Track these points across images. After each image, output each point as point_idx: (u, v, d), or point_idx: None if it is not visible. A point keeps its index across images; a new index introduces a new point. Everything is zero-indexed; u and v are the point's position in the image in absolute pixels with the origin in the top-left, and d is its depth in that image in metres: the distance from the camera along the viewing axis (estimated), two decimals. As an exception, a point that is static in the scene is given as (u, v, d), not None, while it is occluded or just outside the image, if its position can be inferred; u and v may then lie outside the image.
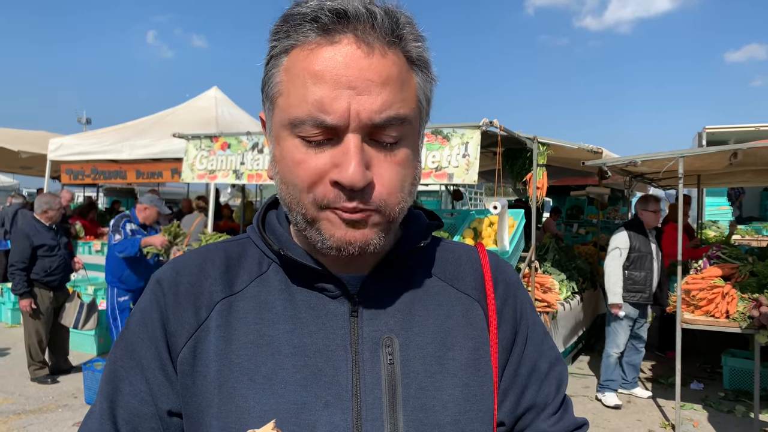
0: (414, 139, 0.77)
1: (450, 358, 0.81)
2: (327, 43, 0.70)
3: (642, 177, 6.91)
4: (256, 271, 0.84)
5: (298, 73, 0.71)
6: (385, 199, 0.73)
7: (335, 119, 0.69)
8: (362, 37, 0.69)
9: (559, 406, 0.89)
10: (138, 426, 0.79)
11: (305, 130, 0.70)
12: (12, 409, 5.21)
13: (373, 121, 0.70)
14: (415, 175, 0.78)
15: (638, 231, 5.56)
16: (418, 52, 0.75)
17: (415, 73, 0.76)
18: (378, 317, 0.81)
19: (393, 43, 0.72)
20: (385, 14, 0.71)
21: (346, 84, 0.68)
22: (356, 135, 0.70)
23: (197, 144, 6.63)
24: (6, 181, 19.67)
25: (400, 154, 0.74)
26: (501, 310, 0.88)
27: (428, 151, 4.97)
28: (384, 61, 0.70)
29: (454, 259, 0.91)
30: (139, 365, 0.80)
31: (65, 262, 5.96)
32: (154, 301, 0.82)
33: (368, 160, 0.71)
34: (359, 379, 0.77)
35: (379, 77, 0.69)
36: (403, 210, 0.76)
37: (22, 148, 10.21)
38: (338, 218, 0.72)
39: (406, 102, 0.73)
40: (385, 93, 0.70)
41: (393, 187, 0.73)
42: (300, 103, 0.70)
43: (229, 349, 0.78)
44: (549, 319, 5.75)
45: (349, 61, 0.69)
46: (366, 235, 0.73)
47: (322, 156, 0.71)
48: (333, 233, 0.73)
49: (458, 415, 0.79)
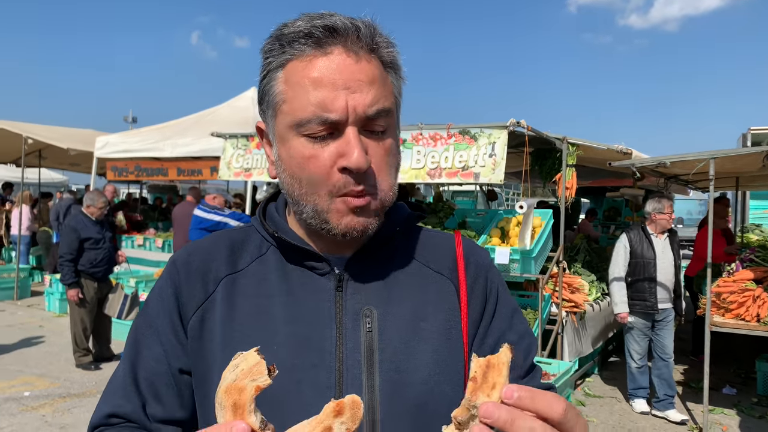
0: (395, 129, 0.91)
1: (422, 328, 0.93)
2: (321, 54, 0.83)
3: (676, 179, 6.83)
4: (257, 252, 0.97)
5: (298, 81, 0.84)
6: (380, 180, 0.87)
7: (337, 115, 0.82)
8: (350, 47, 0.83)
9: (527, 371, 0.99)
10: (155, 382, 0.92)
11: (311, 128, 0.83)
12: (57, 392, 5.52)
13: (366, 114, 0.83)
14: (397, 162, 0.92)
15: (641, 236, 5.29)
16: (390, 57, 0.89)
17: (389, 73, 0.89)
18: (360, 292, 0.93)
19: (373, 50, 0.86)
20: (365, 27, 0.85)
21: (342, 86, 0.82)
22: (354, 127, 0.83)
23: (234, 143, 6.86)
24: (56, 177, 20.47)
25: (387, 143, 0.88)
26: (471, 287, 0.99)
27: (456, 151, 5.05)
28: (369, 66, 0.84)
29: (433, 245, 1.03)
30: (156, 332, 0.94)
31: (109, 254, 6.26)
32: (169, 278, 0.96)
33: (365, 147, 0.84)
34: (342, 345, 0.89)
35: (367, 78, 0.83)
36: (394, 194, 0.90)
37: (71, 145, 10.65)
38: (346, 207, 0.85)
39: (388, 97, 0.87)
40: (373, 90, 0.84)
41: (384, 171, 0.87)
42: (305, 106, 0.83)
43: (232, 317, 0.91)
44: (576, 319, 5.76)
45: (342, 67, 0.82)
46: (367, 222, 0.87)
47: (327, 149, 0.84)
48: (341, 220, 0.86)
49: (428, 377, 0.90)
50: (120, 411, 0.91)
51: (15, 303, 9.67)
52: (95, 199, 6.16)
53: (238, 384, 0.61)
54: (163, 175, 10.02)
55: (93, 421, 0.93)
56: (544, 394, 0.61)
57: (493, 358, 0.63)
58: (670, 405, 5.27)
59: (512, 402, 0.59)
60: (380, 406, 0.87)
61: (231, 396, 0.61)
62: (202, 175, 9.45)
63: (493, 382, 0.62)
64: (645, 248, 5.26)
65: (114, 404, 0.92)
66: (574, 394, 5.84)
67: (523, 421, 0.58)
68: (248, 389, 0.61)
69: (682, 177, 6.70)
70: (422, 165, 5.27)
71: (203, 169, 9.28)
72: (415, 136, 5.33)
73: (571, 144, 5.44)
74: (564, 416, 0.60)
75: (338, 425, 0.61)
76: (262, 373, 0.62)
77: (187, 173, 9.65)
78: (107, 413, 0.92)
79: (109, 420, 0.92)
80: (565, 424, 0.61)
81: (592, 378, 6.58)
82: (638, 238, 5.30)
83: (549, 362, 4.78)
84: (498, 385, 0.61)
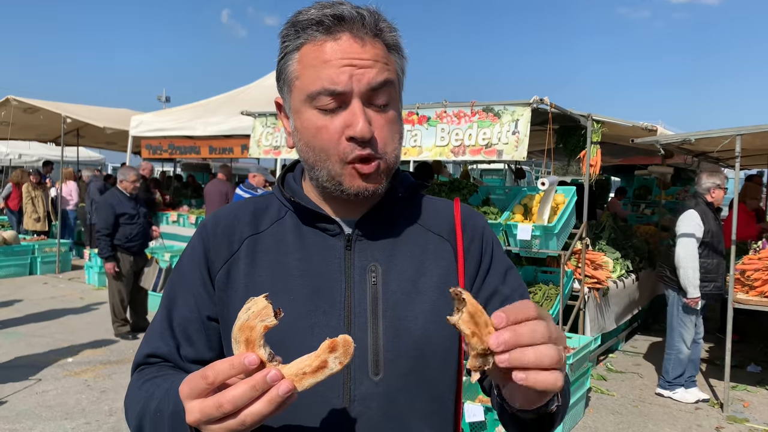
0: (397, 102, 1.02)
1: (422, 282, 1.05)
2: (331, 39, 0.95)
3: (705, 156, 6.75)
4: (276, 216, 1.10)
5: (310, 62, 0.96)
6: (384, 148, 0.98)
7: (342, 87, 0.94)
8: (356, 33, 0.95)
9: None
10: (187, 328, 1.06)
11: (320, 100, 0.95)
12: (98, 359, 5.82)
13: (370, 85, 0.94)
14: (400, 131, 1.04)
15: (707, 210, 4.91)
16: (393, 40, 1.01)
17: (393, 54, 1.01)
18: (366, 250, 1.05)
19: (377, 35, 0.98)
20: (369, 14, 0.97)
21: (348, 64, 0.94)
22: (358, 100, 0.95)
23: (263, 121, 7.01)
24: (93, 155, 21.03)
25: (389, 115, 0.99)
26: (468, 247, 1.11)
27: (479, 128, 5.11)
28: (373, 48, 0.96)
29: (433, 210, 1.15)
30: (188, 284, 1.08)
31: (143, 230, 6.51)
32: (199, 238, 1.10)
33: (369, 118, 0.96)
34: (350, 295, 1.02)
35: (370, 57, 0.95)
36: (397, 157, 1.02)
37: (107, 124, 10.99)
38: (357, 173, 0.97)
39: (391, 71, 0.99)
40: (376, 67, 0.95)
41: (388, 138, 0.99)
42: (315, 81, 0.95)
43: (254, 272, 1.04)
44: (599, 295, 5.81)
45: (348, 50, 0.95)
46: (376, 184, 0.99)
47: (336, 119, 0.96)
48: (353, 183, 0.98)
49: (427, 324, 1.02)
50: (158, 352, 1.06)
51: (57, 276, 10.10)
52: (127, 174, 6.39)
53: (250, 323, 0.74)
54: (195, 153, 10.27)
55: (136, 360, 1.08)
56: (516, 306, 0.72)
57: (469, 307, 0.72)
58: (693, 384, 5.27)
59: (504, 324, 0.70)
60: (383, 348, 1.00)
61: (244, 333, 0.74)
62: (233, 153, 9.67)
63: (485, 321, 0.72)
64: (713, 224, 4.90)
65: (153, 346, 1.07)
66: (595, 368, 5.92)
67: (522, 328, 0.70)
68: (258, 328, 0.74)
69: (710, 154, 6.63)
70: (446, 142, 5.35)
71: (234, 147, 9.49)
72: (439, 114, 5.40)
73: (596, 121, 5.44)
74: (537, 312, 0.72)
75: (332, 359, 0.74)
76: (269, 315, 0.74)
77: (218, 151, 9.88)
78: (147, 353, 1.06)
79: (148, 360, 1.06)
80: (542, 318, 0.72)
81: (615, 354, 6.64)
82: (705, 214, 4.91)
83: (569, 336, 4.86)
84: (489, 323, 0.72)
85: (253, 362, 0.71)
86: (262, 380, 0.70)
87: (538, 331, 0.69)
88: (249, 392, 0.70)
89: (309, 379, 0.73)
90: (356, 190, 0.98)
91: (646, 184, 12.54)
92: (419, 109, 5.52)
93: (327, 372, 0.73)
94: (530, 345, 0.69)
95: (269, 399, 0.70)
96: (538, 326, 0.70)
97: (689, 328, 5.07)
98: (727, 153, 6.23)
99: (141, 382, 0.99)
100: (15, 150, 18.22)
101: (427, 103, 5.50)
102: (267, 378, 0.70)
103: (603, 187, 11.88)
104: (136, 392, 0.98)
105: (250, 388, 0.70)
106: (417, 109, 5.53)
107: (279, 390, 0.70)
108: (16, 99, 10.96)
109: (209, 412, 0.71)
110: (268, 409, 0.70)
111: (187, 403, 0.73)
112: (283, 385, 0.70)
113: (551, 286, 5.63)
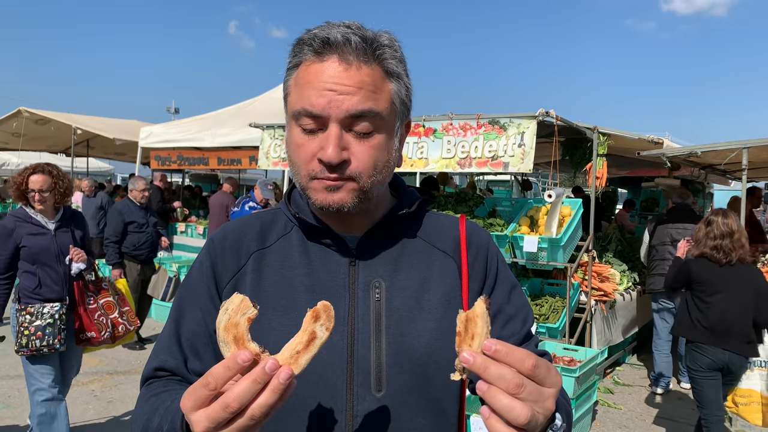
0: (388, 130, 1.02)
1: (426, 299, 1.06)
2: (319, 60, 0.97)
3: (712, 168, 6.74)
4: (282, 231, 1.12)
5: (299, 81, 0.99)
6: (360, 172, 0.98)
7: (319, 110, 0.95)
8: (343, 56, 0.96)
9: (524, 338, 1.11)
10: (195, 342, 1.08)
11: (302, 120, 0.98)
12: (105, 370, 5.85)
13: (349, 113, 0.95)
14: (389, 157, 1.03)
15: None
16: (392, 66, 1.01)
17: (391, 81, 1.01)
18: (370, 266, 1.07)
19: (368, 61, 0.97)
20: (361, 40, 0.97)
21: (329, 88, 0.95)
22: (336, 125, 0.96)
23: (271, 133, 7.06)
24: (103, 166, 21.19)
25: (374, 141, 0.99)
26: (472, 264, 1.12)
27: (485, 141, 5.13)
28: (358, 73, 0.96)
29: (438, 226, 1.16)
30: (196, 298, 1.10)
31: (152, 239, 6.56)
32: (207, 253, 1.12)
33: (346, 144, 0.97)
34: (354, 311, 1.03)
35: (353, 83, 0.95)
36: (376, 182, 1.01)
37: (116, 135, 11.09)
38: (321, 185, 0.99)
39: (378, 102, 0.98)
40: (357, 95, 0.95)
41: (366, 164, 0.99)
42: (298, 101, 0.98)
43: (259, 287, 1.06)
44: (606, 308, 5.79)
45: (332, 72, 0.95)
46: (343, 198, 0.99)
47: (314, 141, 0.98)
48: (317, 197, 1.00)
49: (430, 342, 1.03)
50: (166, 365, 1.08)
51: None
52: (136, 183, 6.51)
53: (233, 321, 0.76)
54: (204, 164, 10.33)
55: (144, 373, 1.09)
56: (519, 350, 0.72)
57: (470, 312, 0.75)
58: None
59: (490, 353, 0.71)
60: (386, 365, 1.01)
61: (230, 332, 0.76)
62: (241, 164, 9.72)
63: (472, 332, 0.74)
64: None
65: (160, 359, 1.08)
66: (602, 381, 5.89)
67: (495, 368, 0.71)
68: (242, 323, 0.76)
69: (717, 167, 6.61)
70: (452, 154, 5.37)
71: (242, 159, 9.54)
72: (445, 126, 5.43)
73: (602, 134, 5.46)
74: (533, 371, 0.71)
75: (319, 328, 0.76)
76: (249, 307, 0.77)
77: (226, 162, 9.93)
78: (155, 366, 1.08)
79: (156, 373, 1.08)
80: (534, 377, 0.72)
81: (623, 367, 6.61)
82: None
83: (576, 349, 4.84)
84: (476, 336, 0.74)
85: (247, 359, 0.72)
86: (261, 372, 0.71)
87: (506, 379, 0.70)
88: (252, 386, 0.71)
89: (304, 356, 0.75)
90: (321, 204, 0.99)
91: (653, 196, 12.48)
92: (425, 121, 5.55)
93: (318, 342, 0.76)
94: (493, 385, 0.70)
95: (272, 388, 0.71)
96: (511, 375, 0.70)
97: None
98: (733, 165, 6.22)
99: (148, 397, 1.01)
100: (26, 161, 18.35)
101: (433, 116, 5.53)
102: (266, 369, 0.71)
103: (610, 199, 11.84)
104: (143, 406, 1.00)
105: (251, 382, 0.71)
106: (423, 122, 5.56)
107: (280, 377, 0.71)
108: (27, 110, 11.09)
109: (217, 416, 0.72)
110: (273, 398, 0.72)
111: (192, 416, 0.74)
112: (282, 372, 0.72)
113: (558, 299, 5.62)
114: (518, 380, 0.70)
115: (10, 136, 12.38)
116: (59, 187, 3.68)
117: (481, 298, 0.76)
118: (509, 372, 0.70)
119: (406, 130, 1.11)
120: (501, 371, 0.70)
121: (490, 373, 0.70)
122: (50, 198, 3.64)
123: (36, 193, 3.58)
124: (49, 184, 3.63)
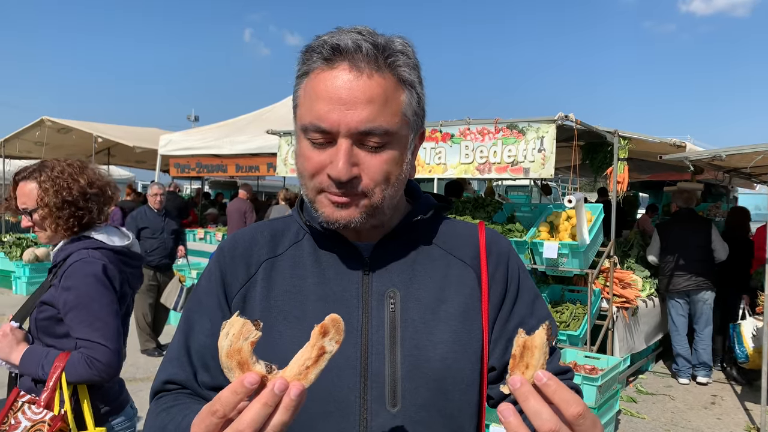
0: (401, 143, 0.98)
1: (442, 309, 1.02)
2: (328, 68, 0.93)
3: (737, 171, 6.61)
4: (294, 239, 1.09)
5: (308, 92, 0.95)
6: (371, 188, 0.95)
7: (329, 126, 0.91)
8: (354, 64, 0.91)
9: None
10: (204, 354, 1.06)
11: (311, 135, 0.94)
12: (124, 377, 5.82)
13: (358, 130, 0.91)
14: (401, 171, 0.99)
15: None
16: (407, 75, 0.96)
17: (404, 90, 0.96)
18: (384, 275, 1.03)
19: (380, 68, 0.93)
20: (373, 47, 0.92)
21: (338, 101, 0.91)
22: (346, 140, 0.92)
23: (289, 140, 7.07)
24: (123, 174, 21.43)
25: (386, 155, 0.95)
26: (493, 274, 1.07)
27: (504, 145, 5.07)
28: (370, 82, 0.92)
29: (456, 233, 1.12)
30: (205, 309, 1.07)
31: (164, 245, 6.58)
32: (216, 262, 1.09)
33: (357, 159, 0.93)
34: (368, 322, 0.99)
35: (364, 95, 0.91)
36: (388, 197, 0.97)
37: (136, 143, 11.21)
38: (328, 200, 0.95)
39: (389, 117, 0.93)
40: (368, 109, 0.91)
41: (377, 179, 0.95)
42: (307, 113, 0.94)
43: (270, 296, 1.03)
44: (628, 315, 5.68)
45: (342, 82, 0.91)
46: (350, 215, 0.96)
47: (323, 154, 0.94)
48: (324, 211, 0.96)
49: (446, 354, 0.99)
50: (175, 378, 1.05)
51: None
52: (149, 189, 6.70)
53: (235, 347, 0.73)
54: (222, 172, 10.40)
55: (154, 387, 1.07)
56: (569, 392, 0.69)
57: (529, 340, 0.74)
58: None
59: (539, 384, 0.69)
60: (401, 379, 0.97)
61: (233, 358, 0.73)
62: (259, 171, 9.77)
63: (527, 362, 0.73)
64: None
65: (170, 372, 1.06)
66: (625, 390, 5.77)
67: (535, 403, 0.68)
68: (245, 348, 0.73)
69: (743, 170, 6.48)
70: (471, 160, 5.31)
71: (260, 166, 9.60)
72: (462, 131, 5.37)
73: (623, 137, 5.37)
74: (576, 419, 0.68)
75: (328, 342, 0.74)
76: (251, 331, 0.74)
77: (245, 169, 9.99)
78: (164, 380, 1.06)
79: (165, 386, 1.06)
80: (576, 426, 0.68)
81: (646, 375, 6.47)
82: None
83: (597, 357, 4.75)
84: (531, 366, 0.72)
85: (254, 381, 0.70)
86: (270, 395, 0.69)
87: (542, 418, 0.67)
88: (263, 410, 0.69)
89: (314, 371, 0.73)
90: (327, 218, 0.96)
91: (676, 200, 12.28)
92: (442, 126, 5.51)
93: (327, 356, 0.74)
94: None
95: (285, 407, 0.69)
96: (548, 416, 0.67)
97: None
98: (760, 168, 6.08)
99: (157, 412, 0.98)
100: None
101: (450, 120, 5.48)
102: (275, 390, 0.69)
103: (631, 204, 11.66)
104: (153, 421, 0.97)
105: (262, 406, 0.69)
106: (440, 126, 5.52)
107: (291, 394, 0.69)
108: (50, 120, 11.26)
109: None
110: (287, 416, 0.70)
111: None
112: (293, 389, 0.70)
113: (579, 306, 5.53)
114: (554, 425, 0.67)
115: (33, 145, 12.58)
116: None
117: (543, 326, 0.74)
118: (548, 413, 0.68)
119: (420, 140, 1.07)
120: (540, 408, 0.68)
121: (529, 406, 0.68)
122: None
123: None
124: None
